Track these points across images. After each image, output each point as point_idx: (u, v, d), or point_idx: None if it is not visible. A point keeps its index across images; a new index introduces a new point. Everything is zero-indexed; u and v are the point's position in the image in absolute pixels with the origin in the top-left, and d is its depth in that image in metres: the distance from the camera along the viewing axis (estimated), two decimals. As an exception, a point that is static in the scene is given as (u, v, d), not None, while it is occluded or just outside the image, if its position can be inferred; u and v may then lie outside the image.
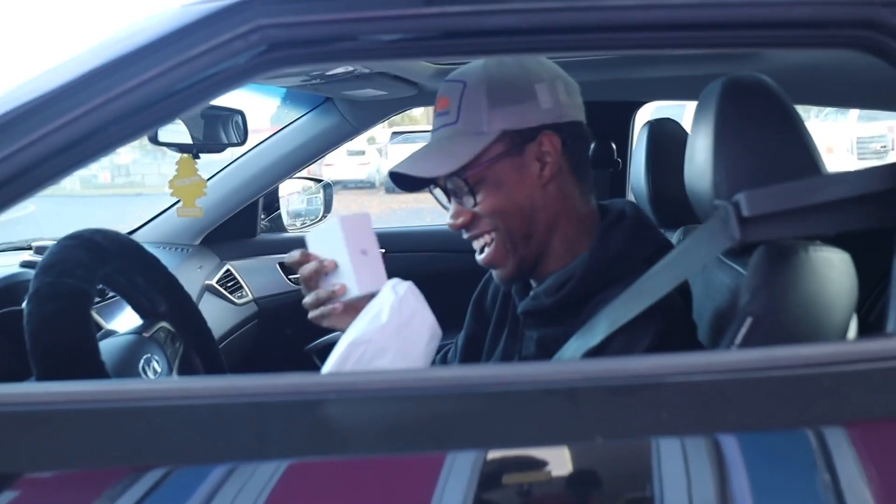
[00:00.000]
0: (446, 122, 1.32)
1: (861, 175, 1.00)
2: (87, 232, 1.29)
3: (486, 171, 1.29)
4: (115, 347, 1.33)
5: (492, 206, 1.31)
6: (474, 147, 1.28)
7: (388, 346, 1.09)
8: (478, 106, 1.29)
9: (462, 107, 1.31)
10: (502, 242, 1.33)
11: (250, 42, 0.95)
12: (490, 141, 1.28)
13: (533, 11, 0.96)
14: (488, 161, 1.28)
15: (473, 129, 1.29)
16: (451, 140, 1.31)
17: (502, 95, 1.29)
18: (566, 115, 1.32)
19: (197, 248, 2.50)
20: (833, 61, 1.85)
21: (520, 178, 1.30)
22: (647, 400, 0.88)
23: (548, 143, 1.30)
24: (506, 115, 1.29)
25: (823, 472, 0.85)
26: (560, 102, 1.31)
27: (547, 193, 1.32)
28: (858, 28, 0.95)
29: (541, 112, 1.29)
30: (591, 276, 1.28)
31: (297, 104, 2.59)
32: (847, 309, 1.11)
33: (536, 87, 1.30)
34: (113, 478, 0.87)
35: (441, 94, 1.35)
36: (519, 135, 1.29)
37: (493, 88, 1.29)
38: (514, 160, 1.29)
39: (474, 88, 1.30)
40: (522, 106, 1.29)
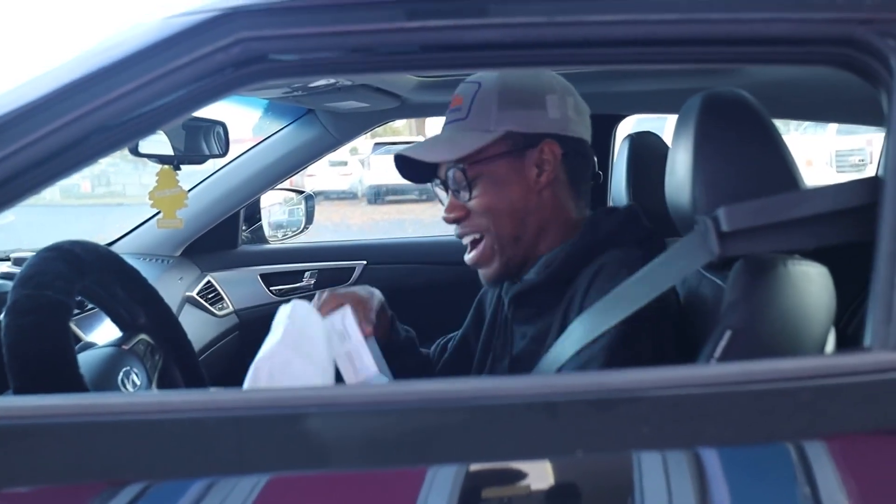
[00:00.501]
0: (457, 118, 1.39)
1: (839, 189, 1.01)
2: (66, 243, 1.28)
3: (485, 168, 1.34)
4: (94, 360, 1.32)
5: (486, 203, 1.36)
6: (478, 141, 1.34)
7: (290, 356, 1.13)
8: (488, 105, 1.35)
9: (474, 105, 1.37)
10: (491, 243, 1.38)
11: (232, 55, 0.95)
12: (494, 138, 1.34)
13: (515, 26, 0.96)
14: (489, 157, 1.34)
15: (481, 126, 1.35)
16: (458, 133, 1.37)
17: (513, 98, 1.35)
18: (571, 130, 1.37)
19: (177, 259, 2.49)
20: (811, 77, 1.87)
21: (516, 179, 1.35)
22: (628, 414, 0.88)
23: (548, 150, 1.35)
24: (513, 117, 1.34)
25: (803, 485, 0.86)
26: (567, 117, 1.37)
27: (541, 199, 1.37)
28: (836, 45, 0.96)
29: (547, 121, 1.35)
30: (578, 253, 1.33)
31: (279, 115, 2.59)
32: (825, 322, 1.12)
33: (547, 98, 1.36)
34: (91, 493, 0.86)
35: (457, 92, 1.42)
36: (522, 138, 1.35)
37: (505, 91, 1.36)
38: (514, 161, 1.35)
39: (488, 89, 1.37)
40: (530, 111, 1.35)
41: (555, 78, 1.40)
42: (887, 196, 0.93)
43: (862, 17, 0.94)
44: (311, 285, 2.69)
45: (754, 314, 1.07)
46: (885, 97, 0.96)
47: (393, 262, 2.73)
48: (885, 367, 0.88)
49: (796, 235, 1.02)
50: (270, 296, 2.62)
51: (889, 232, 0.91)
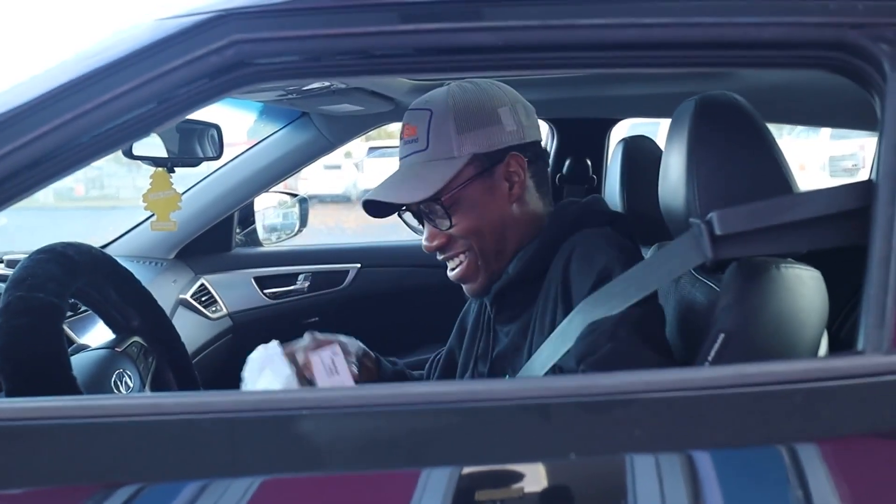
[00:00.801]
0: (416, 149, 1.37)
1: (832, 193, 1.01)
2: (59, 245, 1.27)
3: (459, 194, 1.34)
4: (87, 362, 1.32)
5: (466, 227, 1.36)
6: (447, 171, 1.33)
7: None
8: (446, 132, 1.34)
9: (431, 134, 1.36)
10: (474, 259, 1.39)
11: (226, 57, 0.95)
12: (462, 165, 1.34)
13: (508, 29, 0.96)
14: (461, 184, 1.34)
15: (444, 155, 1.35)
16: (424, 166, 1.36)
17: (469, 121, 1.35)
18: (528, 136, 1.39)
19: (171, 262, 2.49)
20: (804, 81, 1.87)
21: (491, 197, 1.36)
22: (621, 416, 0.88)
23: (515, 163, 1.36)
24: (474, 139, 1.35)
25: (796, 488, 0.86)
26: (522, 124, 1.38)
27: (515, 209, 1.38)
28: (828, 49, 0.96)
29: (506, 134, 1.36)
30: (547, 242, 1.35)
31: (273, 118, 2.59)
32: (818, 326, 1.12)
33: (500, 112, 1.36)
34: (84, 494, 0.86)
35: (407, 122, 1.40)
36: (488, 157, 1.35)
37: (459, 115, 1.35)
38: (485, 181, 1.35)
39: (441, 116, 1.35)
40: (489, 129, 1.35)
41: (500, 89, 1.40)
42: (880, 199, 0.93)
43: (854, 21, 0.95)
44: (304, 288, 2.69)
45: (748, 317, 1.08)
46: (877, 101, 0.96)
47: (387, 265, 2.73)
48: (877, 370, 0.89)
49: (789, 239, 1.02)
50: (264, 298, 2.61)
51: (882, 235, 0.91)
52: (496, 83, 1.42)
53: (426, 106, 1.38)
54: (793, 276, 1.11)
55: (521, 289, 1.37)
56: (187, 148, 1.82)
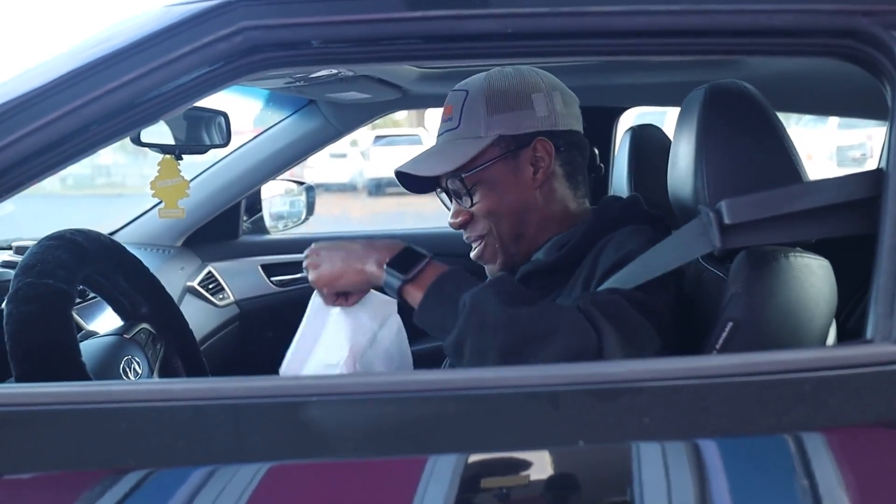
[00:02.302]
0: (449, 128, 1.41)
1: (841, 182, 1.00)
2: (68, 232, 1.28)
3: (483, 173, 1.37)
4: (96, 349, 1.32)
5: (487, 207, 1.38)
6: (472, 149, 1.36)
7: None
8: (477, 112, 1.38)
9: (463, 113, 1.40)
10: (493, 242, 1.41)
11: (234, 44, 0.95)
12: (486, 144, 1.36)
13: (516, 16, 0.96)
14: (484, 163, 1.36)
15: (472, 134, 1.38)
16: (452, 143, 1.39)
17: (500, 103, 1.37)
18: (562, 124, 1.39)
19: (178, 249, 2.49)
20: (815, 69, 1.86)
21: (514, 180, 1.38)
22: (629, 404, 0.88)
23: (542, 148, 1.37)
24: (502, 121, 1.37)
25: (802, 477, 0.86)
26: (556, 112, 1.39)
27: (539, 196, 1.39)
28: (839, 37, 0.96)
29: (536, 119, 1.37)
30: (589, 235, 1.35)
31: (280, 106, 2.58)
32: (827, 315, 1.12)
33: (533, 97, 1.38)
34: (93, 480, 0.87)
35: (447, 102, 1.44)
36: (514, 140, 1.37)
37: (491, 96, 1.38)
38: (509, 163, 1.37)
39: (475, 96, 1.39)
40: (519, 113, 1.37)
41: (539, 75, 1.42)
42: (890, 188, 0.92)
43: (866, 8, 0.94)
44: (311, 276, 2.68)
45: (756, 306, 1.07)
46: (888, 90, 0.96)
47: None
48: (886, 359, 0.89)
49: (799, 228, 1.02)
50: (271, 286, 2.61)
51: (892, 225, 0.91)
52: (538, 70, 1.44)
53: (464, 87, 1.42)
54: (802, 265, 1.10)
55: (549, 276, 1.36)
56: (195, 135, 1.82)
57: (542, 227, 1.41)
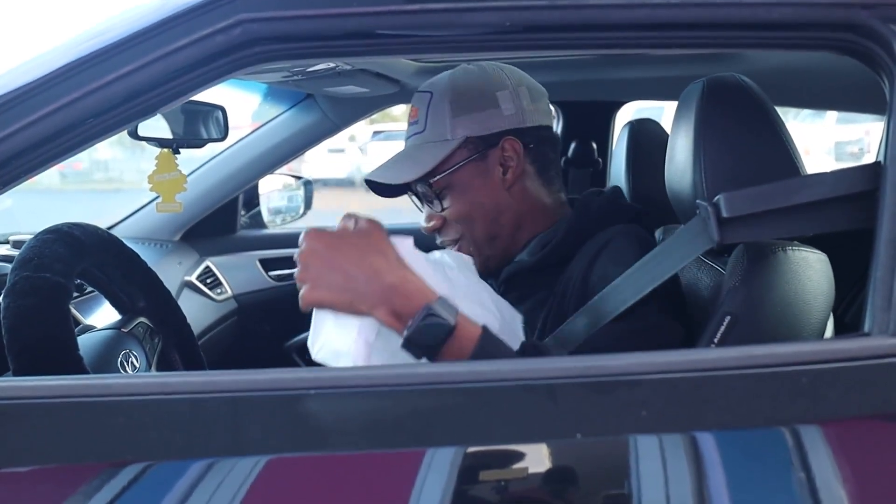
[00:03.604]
0: (416, 131, 1.39)
1: (839, 176, 1.01)
2: (66, 226, 1.27)
3: (452, 177, 1.34)
4: (94, 342, 1.32)
5: (458, 211, 1.36)
6: (439, 154, 1.34)
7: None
8: (442, 114, 1.35)
9: (429, 116, 1.37)
10: (467, 245, 1.38)
11: (232, 36, 0.94)
12: (453, 147, 1.34)
13: (514, 9, 0.96)
14: (453, 167, 1.34)
15: (439, 137, 1.35)
16: (419, 148, 1.37)
17: (465, 104, 1.35)
18: (529, 121, 1.37)
19: (176, 243, 2.49)
20: (813, 63, 1.86)
21: (483, 182, 1.36)
22: (627, 397, 0.88)
23: (510, 147, 1.35)
24: (468, 123, 1.34)
25: (799, 470, 0.86)
26: (523, 108, 1.36)
27: (511, 195, 1.37)
28: (838, 30, 0.95)
29: (503, 118, 1.35)
30: (572, 236, 1.33)
31: (278, 100, 2.58)
32: (824, 309, 1.12)
33: (499, 95, 1.35)
34: (90, 473, 0.86)
35: (413, 104, 1.42)
36: (482, 140, 1.34)
37: (456, 98, 1.35)
38: (478, 165, 1.35)
39: (439, 98, 1.36)
40: (484, 113, 1.34)
41: (504, 71, 1.39)
42: (888, 182, 0.93)
43: (864, 1, 0.94)
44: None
45: (754, 300, 1.08)
46: (886, 83, 0.96)
47: None
48: (884, 352, 0.89)
49: (797, 222, 1.02)
50: (269, 281, 2.61)
51: (889, 218, 0.91)
52: (503, 66, 1.41)
53: (429, 88, 1.39)
54: (799, 258, 1.10)
55: (533, 275, 1.35)
56: (192, 129, 1.82)
57: (518, 227, 1.39)
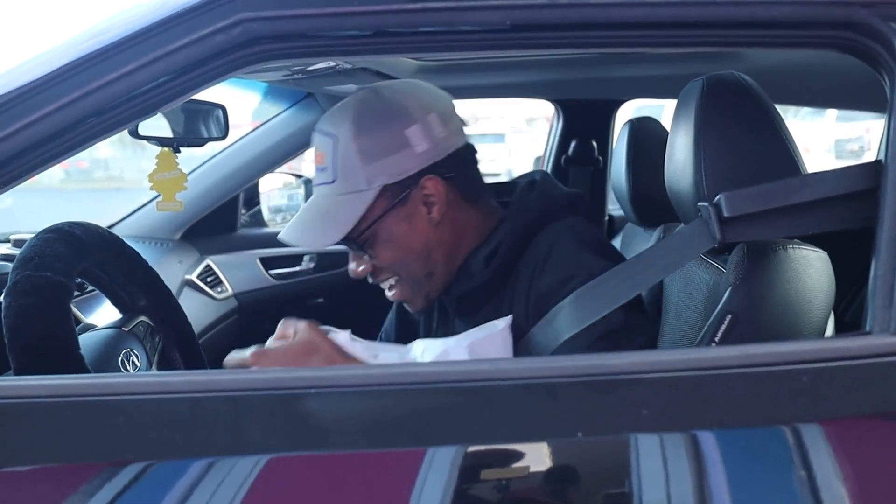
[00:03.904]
0: (325, 181, 1.29)
1: (839, 175, 1.01)
2: (66, 225, 1.27)
3: (376, 228, 1.27)
4: (95, 341, 1.32)
5: (387, 259, 1.30)
6: (357, 209, 1.26)
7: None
8: (352, 164, 1.25)
9: (338, 164, 1.27)
10: (406, 285, 1.33)
11: (232, 36, 0.94)
12: (372, 198, 1.26)
13: (515, 8, 0.96)
14: (375, 219, 1.27)
15: (353, 188, 1.26)
16: (334, 202, 1.28)
17: (375, 150, 1.25)
18: (444, 150, 1.29)
19: (177, 242, 2.49)
20: (813, 61, 1.86)
21: (409, 226, 1.28)
22: (628, 396, 0.88)
23: (431, 186, 1.27)
24: (382, 169, 1.25)
25: (800, 468, 0.86)
26: (436, 139, 1.27)
27: (440, 230, 1.30)
28: (838, 28, 0.95)
29: (417, 158, 1.26)
30: (516, 241, 1.28)
31: (278, 99, 2.58)
32: (825, 307, 1.12)
33: (408, 134, 1.26)
34: (91, 472, 0.87)
35: (315, 146, 1.31)
36: (400, 185, 1.27)
37: (364, 144, 1.25)
38: (400, 211, 1.27)
39: (346, 145, 1.26)
40: (397, 156, 1.25)
41: (409, 101, 1.28)
42: (889, 180, 0.92)
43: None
44: (310, 269, 2.69)
45: (754, 298, 1.08)
46: (887, 82, 0.96)
47: None
48: (885, 351, 0.89)
49: (798, 220, 1.02)
50: (269, 279, 2.62)
51: (891, 216, 0.91)
52: (408, 93, 1.31)
53: (331, 130, 1.28)
54: (800, 257, 1.11)
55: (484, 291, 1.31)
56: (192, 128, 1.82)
57: (453, 255, 1.32)
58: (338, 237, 1.26)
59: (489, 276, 1.29)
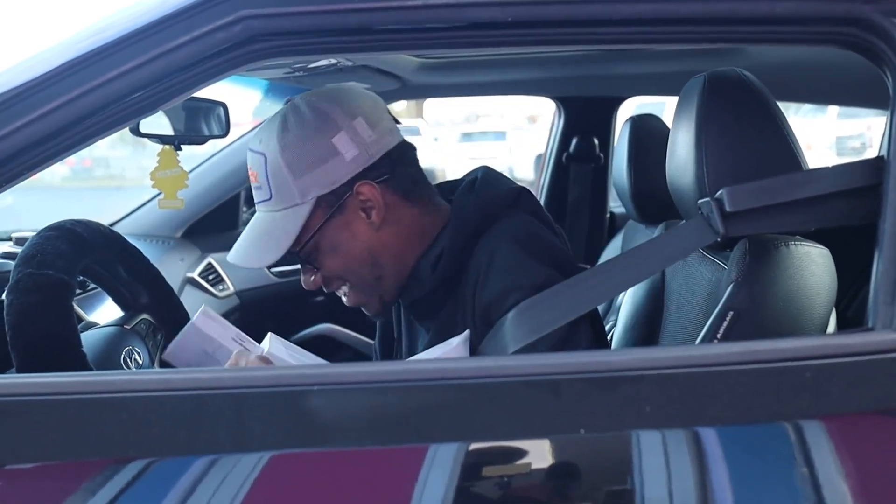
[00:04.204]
0: (263, 198, 1.29)
1: (842, 171, 1.00)
2: (68, 223, 1.28)
3: (316, 240, 1.27)
4: (97, 339, 1.32)
5: (334, 268, 1.29)
6: (296, 223, 1.26)
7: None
8: (283, 179, 1.25)
9: (271, 183, 1.26)
10: (358, 290, 1.33)
11: (233, 33, 0.94)
12: (308, 212, 1.25)
13: (517, 4, 0.96)
14: (313, 232, 1.26)
15: (288, 203, 1.26)
16: (272, 219, 1.28)
17: (303, 163, 1.24)
18: (375, 153, 1.27)
19: (178, 240, 2.49)
20: (815, 58, 1.86)
21: (350, 234, 1.27)
22: (630, 393, 0.88)
23: (366, 191, 1.26)
24: (314, 181, 1.25)
25: (802, 465, 0.86)
26: (365, 143, 1.26)
27: (383, 234, 1.29)
28: (841, 24, 0.95)
29: (347, 165, 1.25)
30: (459, 244, 1.26)
31: (279, 97, 2.58)
32: (827, 303, 1.12)
33: (335, 142, 1.24)
34: (94, 469, 0.87)
35: (249, 165, 1.31)
36: (334, 195, 1.26)
37: (291, 158, 1.25)
38: (338, 220, 1.27)
39: (275, 161, 1.25)
40: (327, 165, 1.24)
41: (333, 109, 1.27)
42: (891, 176, 0.92)
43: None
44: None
45: (756, 295, 1.08)
46: (889, 78, 0.95)
47: None
48: (887, 347, 0.89)
49: (800, 216, 1.02)
50: (271, 277, 2.62)
51: (893, 213, 0.91)
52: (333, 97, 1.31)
53: (260, 149, 1.28)
54: (802, 253, 1.10)
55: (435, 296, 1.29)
56: (194, 126, 1.82)
57: (401, 258, 1.30)
58: (279, 253, 1.26)
59: (436, 282, 1.27)
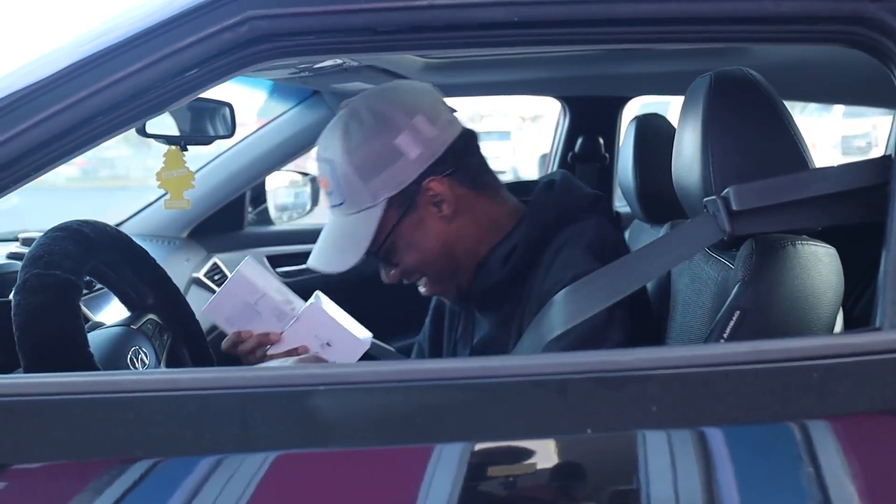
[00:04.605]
0: (336, 203, 1.34)
1: (848, 170, 1.00)
2: (75, 223, 1.28)
3: (392, 239, 1.30)
4: (103, 339, 1.33)
5: (411, 263, 1.34)
6: (370, 225, 1.30)
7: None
8: (353, 184, 1.29)
9: (341, 188, 1.31)
10: (435, 281, 1.37)
11: (239, 34, 0.94)
12: (380, 213, 1.29)
13: (522, 4, 0.96)
14: (388, 231, 1.30)
15: (361, 206, 1.30)
16: (347, 222, 1.33)
17: (370, 166, 1.28)
18: (439, 148, 1.30)
19: (184, 240, 2.49)
20: (821, 57, 1.86)
21: (424, 230, 1.31)
22: (637, 393, 0.88)
23: (435, 186, 1.29)
24: (382, 184, 1.28)
25: (808, 465, 0.86)
26: (428, 140, 1.29)
27: (456, 226, 1.32)
28: (847, 23, 0.95)
29: (413, 164, 1.28)
30: (533, 240, 1.29)
31: (284, 97, 2.58)
32: (834, 303, 1.12)
33: (398, 143, 1.27)
34: (100, 469, 0.87)
35: (319, 173, 1.36)
36: (404, 194, 1.29)
37: (358, 163, 1.28)
38: (412, 217, 1.30)
39: (343, 167, 1.29)
40: (394, 167, 1.28)
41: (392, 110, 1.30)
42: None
43: (873, -6, 0.93)
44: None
45: (763, 294, 1.07)
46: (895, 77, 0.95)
47: None
48: (895, 347, 0.88)
49: (807, 215, 1.02)
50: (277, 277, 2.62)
51: (900, 211, 0.91)
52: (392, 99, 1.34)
53: (327, 156, 1.33)
54: (808, 253, 1.10)
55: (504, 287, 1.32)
56: (199, 126, 1.82)
57: (475, 250, 1.34)
58: (359, 256, 1.30)
59: (507, 274, 1.31)
